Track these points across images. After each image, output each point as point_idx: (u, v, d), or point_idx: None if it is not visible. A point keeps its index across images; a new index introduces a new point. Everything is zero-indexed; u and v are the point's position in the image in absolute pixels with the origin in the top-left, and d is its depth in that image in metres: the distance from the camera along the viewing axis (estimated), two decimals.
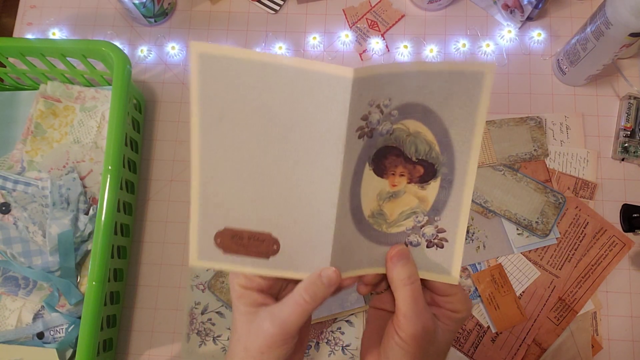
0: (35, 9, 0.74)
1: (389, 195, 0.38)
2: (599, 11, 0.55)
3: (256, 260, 0.37)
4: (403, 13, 0.71)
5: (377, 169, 0.37)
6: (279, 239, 0.37)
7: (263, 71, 0.33)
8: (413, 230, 0.39)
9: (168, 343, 0.61)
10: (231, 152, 0.35)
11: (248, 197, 0.36)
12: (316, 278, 0.36)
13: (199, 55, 0.33)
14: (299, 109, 0.34)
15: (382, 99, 0.34)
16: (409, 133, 0.36)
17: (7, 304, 0.59)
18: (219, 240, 0.37)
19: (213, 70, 0.33)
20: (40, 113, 0.64)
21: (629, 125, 0.63)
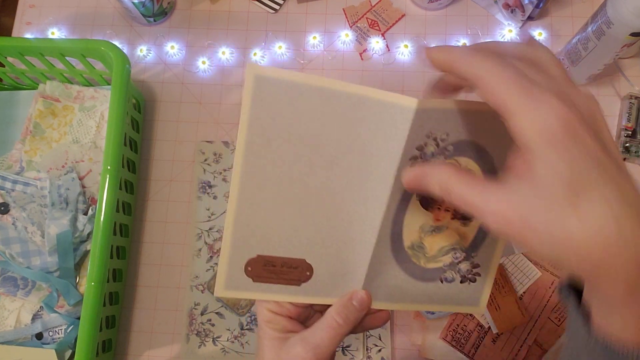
0: (34, 9, 0.73)
1: (432, 229, 0.37)
2: (600, 11, 0.55)
3: (287, 287, 0.36)
4: (403, 12, 0.70)
5: (424, 201, 0.36)
6: (313, 265, 0.36)
7: (320, 96, 0.32)
8: (450, 267, 0.39)
9: (167, 344, 0.61)
10: (274, 178, 0.34)
11: (286, 223, 0.35)
12: (347, 301, 0.36)
13: (255, 77, 0.31)
14: (352, 135, 0.33)
15: (439, 132, 0.33)
16: None
17: (5, 305, 0.58)
18: (250, 269, 0.36)
19: (267, 93, 0.32)
20: (39, 113, 0.64)
21: (630, 125, 0.63)
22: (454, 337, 0.59)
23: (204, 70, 0.69)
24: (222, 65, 0.70)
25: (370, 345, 0.59)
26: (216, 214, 0.64)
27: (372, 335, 0.59)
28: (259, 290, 0.37)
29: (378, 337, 0.59)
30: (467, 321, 0.59)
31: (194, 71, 0.70)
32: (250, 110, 0.32)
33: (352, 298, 0.36)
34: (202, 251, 0.63)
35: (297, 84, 0.32)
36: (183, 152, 0.67)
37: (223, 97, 0.69)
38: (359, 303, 0.36)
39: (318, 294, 0.37)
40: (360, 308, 0.36)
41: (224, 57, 0.70)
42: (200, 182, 0.65)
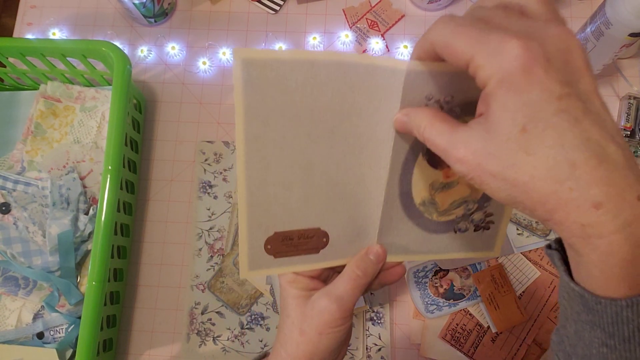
0: (36, 9, 0.74)
1: (442, 186, 0.38)
2: (599, 11, 0.55)
3: (306, 257, 0.37)
4: (403, 13, 0.71)
5: (432, 160, 0.37)
6: (327, 231, 0.37)
7: (310, 70, 0.32)
8: (462, 218, 0.39)
9: (168, 343, 0.61)
10: (277, 157, 0.35)
11: (296, 197, 0.36)
12: (365, 255, 0.37)
13: (243, 61, 0.31)
14: (347, 102, 0.34)
15: (443, 95, 0.33)
16: None
17: (7, 304, 0.59)
18: (269, 247, 0.36)
19: (257, 75, 0.32)
20: (41, 113, 0.64)
21: (629, 125, 0.63)
22: (454, 337, 0.59)
23: (205, 71, 0.70)
24: (222, 66, 0.70)
25: (370, 344, 0.59)
26: (217, 213, 0.64)
27: (372, 335, 0.59)
28: (281, 265, 0.37)
29: (378, 337, 0.59)
30: (467, 320, 0.59)
31: (195, 71, 0.70)
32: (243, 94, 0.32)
33: (369, 252, 0.37)
34: (203, 251, 0.63)
35: (285, 61, 0.32)
36: (183, 152, 0.67)
37: (223, 97, 0.69)
38: (375, 256, 0.37)
39: (336, 256, 0.38)
40: (376, 261, 0.37)
41: (225, 58, 0.70)
42: (201, 182, 0.65)
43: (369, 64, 0.32)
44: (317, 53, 0.33)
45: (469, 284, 0.60)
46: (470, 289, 0.60)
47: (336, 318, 0.36)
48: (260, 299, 0.61)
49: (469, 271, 0.60)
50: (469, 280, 0.60)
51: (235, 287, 0.62)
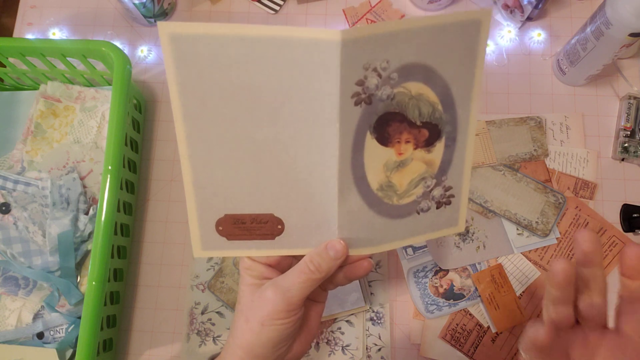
0: (35, 9, 0.74)
1: (397, 165, 0.36)
2: (599, 11, 0.55)
3: (262, 242, 0.36)
4: (403, 13, 0.71)
5: (381, 138, 0.35)
6: (282, 219, 0.36)
7: (243, 46, 0.30)
8: (423, 197, 0.38)
9: (168, 343, 0.61)
10: (220, 137, 0.33)
11: (244, 180, 0.35)
12: (322, 250, 0.36)
13: (170, 37, 0.30)
14: (286, 82, 0.32)
15: (378, 61, 0.32)
16: (411, 96, 0.34)
17: (7, 304, 0.59)
18: (221, 228, 0.36)
19: (188, 51, 0.30)
20: (41, 113, 0.64)
21: (629, 125, 0.63)
22: (454, 337, 0.59)
23: None
24: None
25: (370, 344, 0.59)
26: None
27: (372, 335, 0.59)
28: (236, 248, 0.37)
29: (378, 337, 0.59)
30: (467, 320, 0.59)
31: None
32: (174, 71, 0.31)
33: (328, 247, 0.36)
34: None
35: (216, 36, 0.30)
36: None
37: None
38: (334, 252, 0.36)
39: (294, 245, 0.37)
40: (335, 257, 0.36)
41: None
42: None
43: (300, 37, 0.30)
44: (250, 27, 0.31)
45: (469, 284, 0.60)
46: (470, 289, 0.60)
47: (279, 310, 0.35)
48: None
49: (469, 271, 0.60)
50: (469, 280, 0.60)
51: (235, 287, 0.62)
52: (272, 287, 0.36)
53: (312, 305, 0.41)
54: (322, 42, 0.30)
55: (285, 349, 0.38)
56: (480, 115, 0.66)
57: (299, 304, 0.36)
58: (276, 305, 0.35)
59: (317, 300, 0.41)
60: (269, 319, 0.35)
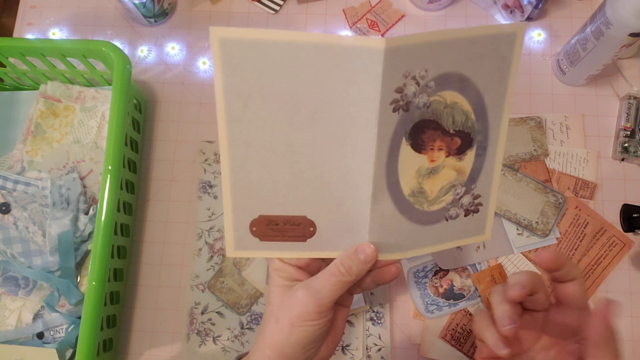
0: (35, 9, 0.74)
1: (429, 172, 0.37)
2: (599, 11, 0.55)
3: (294, 244, 0.37)
4: (403, 13, 0.71)
5: (415, 145, 0.36)
6: (314, 221, 0.37)
7: (288, 51, 0.32)
8: (452, 204, 0.38)
9: (168, 343, 0.61)
10: (259, 140, 0.34)
11: (280, 182, 0.35)
12: (353, 253, 0.36)
13: (220, 41, 0.32)
14: (327, 87, 0.33)
15: (417, 70, 0.33)
16: (446, 104, 0.35)
17: (7, 304, 0.59)
18: (255, 229, 0.37)
19: (235, 55, 0.32)
20: (41, 113, 0.64)
21: (629, 125, 0.63)
22: (454, 336, 0.59)
23: (205, 71, 0.70)
24: None
25: (370, 344, 0.59)
26: (217, 213, 0.64)
27: (372, 335, 0.59)
28: (268, 249, 0.38)
29: (378, 337, 0.59)
30: (467, 320, 0.59)
31: (195, 71, 0.70)
32: (222, 74, 0.32)
33: (358, 250, 0.36)
34: (203, 251, 0.63)
35: (262, 41, 0.32)
36: (184, 152, 0.67)
37: None
38: (364, 256, 0.36)
39: (325, 248, 0.37)
40: (365, 260, 0.36)
41: None
42: (201, 182, 0.65)
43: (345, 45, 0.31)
44: (296, 34, 0.32)
45: (469, 284, 0.60)
46: (470, 289, 0.60)
47: (310, 312, 0.35)
48: (260, 299, 0.61)
49: (469, 271, 0.60)
50: (469, 280, 0.60)
51: (235, 287, 0.62)
52: (303, 289, 0.36)
53: (339, 309, 0.41)
54: (367, 49, 0.31)
55: (314, 351, 0.38)
56: None
57: (329, 306, 0.36)
58: (307, 306, 0.35)
59: (344, 304, 0.41)
60: (299, 319, 0.36)
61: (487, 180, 0.39)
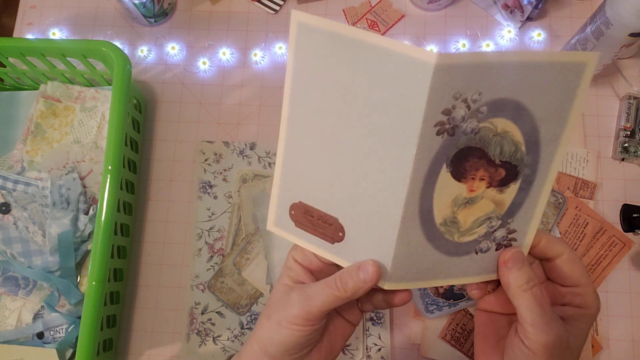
0: (36, 9, 0.74)
1: (465, 202, 0.34)
2: (598, 11, 0.55)
3: (322, 242, 0.37)
4: (403, 13, 0.71)
5: (456, 172, 0.33)
6: (344, 227, 0.36)
7: (353, 48, 0.31)
8: (485, 237, 0.36)
9: (168, 343, 0.61)
10: (313, 128, 0.34)
11: (322, 177, 0.35)
12: (353, 269, 0.35)
13: (298, 25, 0.33)
14: (378, 94, 0.31)
15: (470, 92, 0.30)
16: (496, 132, 0.33)
17: (7, 304, 0.59)
18: (293, 213, 0.37)
19: (308, 41, 0.33)
20: (41, 113, 0.64)
21: (629, 125, 0.63)
22: (454, 337, 0.59)
23: (205, 71, 0.70)
24: (222, 66, 0.70)
25: (370, 344, 0.59)
26: (216, 213, 0.64)
27: (372, 335, 0.59)
28: (299, 237, 0.38)
29: (378, 337, 0.59)
30: (467, 320, 0.59)
31: (195, 72, 0.70)
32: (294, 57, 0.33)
33: (360, 268, 0.34)
34: (203, 251, 0.63)
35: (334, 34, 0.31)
36: (183, 152, 0.67)
37: (223, 97, 0.69)
38: (364, 274, 0.34)
39: (347, 257, 0.36)
40: (364, 280, 0.34)
41: (225, 58, 0.70)
42: (201, 182, 0.65)
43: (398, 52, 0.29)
44: (364, 33, 0.30)
45: None
46: None
47: (297, 315, 0.35)
48: (260, 299, 0.61)
49: None
50: None
51: (235, 287, 0.62)
52: (298, 291, 0.36)
53: (342, 324, 0.40)
54: (416, 61, 0.29)
55: (299, 357, 0.37)
56: None
57: (317, 316, 0.35)
58: (296, 309, 0.35)
59: (350, 320, 0.40)
60: (285, 320, 0.35)
61: (527, 216, 0.36)
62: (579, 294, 0.36)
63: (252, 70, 0.69)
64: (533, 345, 0.33)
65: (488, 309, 0.40)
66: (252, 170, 0.65)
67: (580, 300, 0.36)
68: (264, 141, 0.66)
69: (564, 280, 0.36)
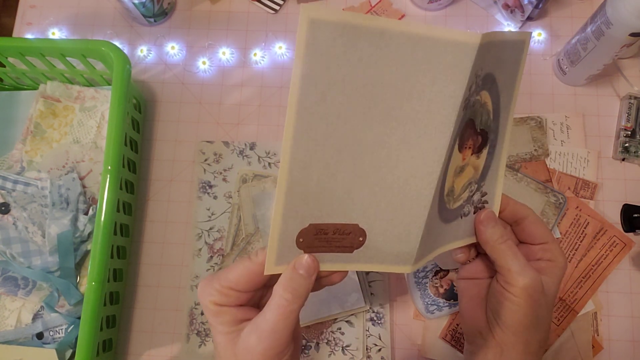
0: (35, 9, 0.73)
1: (460, 170, 0.36)
2: (599, 11, 0.55)
3: (338, 255, 0.34)
4: (403, 13, 0.70)
5: (459, 143, 0.35)
6: (366, 230, 0.34)
7: (378, 39, 0.29)
8: (467, 201, 0.38)
9: (168, 343, 0.61)
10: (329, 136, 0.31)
11: (340, 186, 0.32)
12: (292, 272, 0.33)
13: (310, 21, 0.28)
14: (411, 81, 0.30)
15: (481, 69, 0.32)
16: (481, 104, 0.35)
17: (6, 304, 0.59)
18: (302, 240, 0.33)
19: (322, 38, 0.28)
20: (40, 113, 0.64)
21: (630, 125, 0.63)
22: (454, 337, 0.59)
23: (204, 71, 0.70)
24: (222, 66, 0.70)
25: (370, 345, 0.59)
26: (216, 214, 0.64)
27: (372, 335, 0.59)
28: None
29: (378, 337, 0.59)
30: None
31: (194, 71, 0.70)
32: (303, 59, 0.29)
33: (297, 267, 0.33)
34: (203, 251, 0.63)
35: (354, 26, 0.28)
36: (183, 152, 0.67)
37: (223, 97, 0.69)
38: (305, 270, 0.33)
39: (371, 260, 0.35)
40: (307, 275, 0.33)
41: (224, 58, 0.70)
42: (201, 182, 0.65)
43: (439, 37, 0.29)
44: (390, 22, 0.29)
45: None
46: None
47: (270, 356, 0.32)
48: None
49: None
50: None
51: None
52: (255, 334, 0.32)
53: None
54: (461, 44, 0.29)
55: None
56: None
57: (288, 340, 0.33)
58: (266, 351, 0.32)
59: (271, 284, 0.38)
60: None
61: (494, 177, 0.39)
62: (548, 250, 0.39)
63: (252, 70, 0.69)
64: (513, 288, 0.36)
65: (468, 277, 0.42)
66: (252, 170, 0.65)
67: (550, 255, 0.39)
68: (263, 141, 0.66)
69: (534, 238, 0.40)
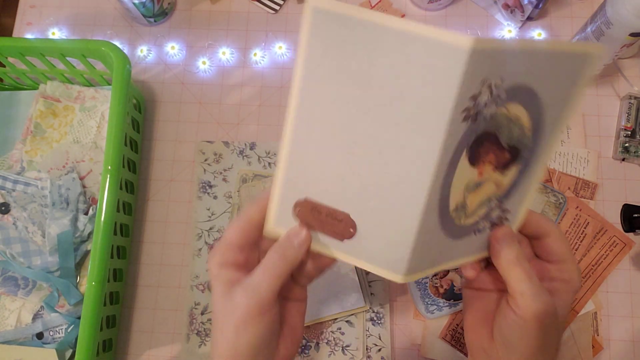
0: (35, 9, 0.73)
1: (475, 186, 0.35)
2: (599, 11, 0.55)
3: (331, 240, 0.35)
4: (403, 13, 0.70)
5: (472, 157, 0.33)
6: (357, 223, 0.34)
7: (375, 33, 0.29)
8: (484, 218, 0.36)
9: (168, 343, 0.61)
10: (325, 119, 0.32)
11: (333, 170, 0.33)
12: (285, 239, 0.35)
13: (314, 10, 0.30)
14: (403, 80, 0.30)
15: (494, 78, 0.30)
16: (509, 118, 0.33)
17: (6, 304, 0.59)
18: (298, 210, 0.35)
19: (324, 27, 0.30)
20: (40, 113, 0.64)
21: (630, 125, 0.63)
22: (454, 337, 0.59)
23: (204, 71, 0.70)
24: (222, 66, 0.70)
25: (370, 345, 0.59)
26: (216, 214, 0.64)
27: (372, 335, 0.59)
28: None
29: (378, 337, 0.59)
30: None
31: (194, 71, 0.70)
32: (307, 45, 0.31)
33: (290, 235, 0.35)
34: (203, 251, 0.63)
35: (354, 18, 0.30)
36: (183, 152, 0.67)
37: (223, 97, 0.69)
38: (297, 239, 0.35)
39: (360, 256, 0.35)
40: (298, 245, 0.35)
41: (224, 58, 0.70)
42: (201, 182, 0.65)
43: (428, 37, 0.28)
44: (387, 18, 0.29)
45: None
46: None
47: (251, 312, 0.34)
48: None
49: None
50: None
51: None
52: (241, 290, 0.34)
53: (291, 304, 0.39)
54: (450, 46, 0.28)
55: (269, 353, 0.36)
56: None
57: (271, 301, 0.34)
58: (248, 307, 0.34)
59: (295, 298, 0.40)
60: (242, 324, 0.34)
61: (521, 197, 0.37)
62: (566, 270, 0.37)
63: (252, 70, 0.69)
64: (524, 313, 0.35)
65: (476, 287, 0.41)
66: (252, 170, 0.65)
67: (566, 276, 0.37)
68: (263, 141, 0.66)
69: (552, 256, 0.38)
